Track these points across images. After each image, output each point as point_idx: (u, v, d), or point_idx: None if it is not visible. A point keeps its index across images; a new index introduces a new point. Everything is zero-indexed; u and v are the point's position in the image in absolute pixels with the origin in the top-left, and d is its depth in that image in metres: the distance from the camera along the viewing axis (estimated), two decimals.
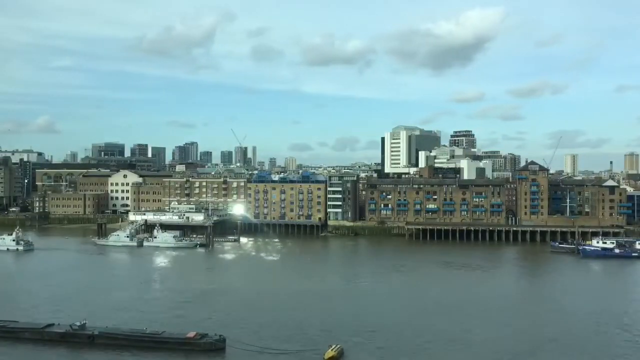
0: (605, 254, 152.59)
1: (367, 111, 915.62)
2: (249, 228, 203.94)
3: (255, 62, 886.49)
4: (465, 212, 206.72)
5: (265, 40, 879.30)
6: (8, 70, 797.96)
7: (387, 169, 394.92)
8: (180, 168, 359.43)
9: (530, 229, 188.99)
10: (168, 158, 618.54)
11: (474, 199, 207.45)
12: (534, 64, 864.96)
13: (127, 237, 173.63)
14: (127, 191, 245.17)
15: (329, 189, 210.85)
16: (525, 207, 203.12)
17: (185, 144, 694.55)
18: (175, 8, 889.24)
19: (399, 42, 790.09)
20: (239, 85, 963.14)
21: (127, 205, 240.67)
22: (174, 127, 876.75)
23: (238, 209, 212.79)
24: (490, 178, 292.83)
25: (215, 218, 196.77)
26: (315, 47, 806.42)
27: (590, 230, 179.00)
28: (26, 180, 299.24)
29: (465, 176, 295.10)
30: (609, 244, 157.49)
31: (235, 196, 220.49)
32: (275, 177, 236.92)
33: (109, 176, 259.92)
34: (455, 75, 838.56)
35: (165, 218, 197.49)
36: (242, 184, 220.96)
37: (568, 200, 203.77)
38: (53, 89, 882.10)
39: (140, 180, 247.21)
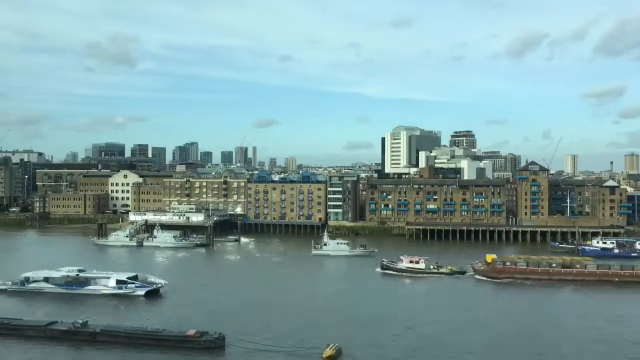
0: (604, 254, 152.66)
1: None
2: (249, 228, 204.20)
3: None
4: (465, 213, 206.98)
5: None
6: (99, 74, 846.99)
7: (388, 169, 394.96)
8: (180, 168, 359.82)
9: (531, 229, 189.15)
10: (168, 158, 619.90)
11: (475, 199, 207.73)
12: None
13: (127, 237, 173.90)
14: (128, 191, 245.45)
15: (329, 189, 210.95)
16: (526, 207, 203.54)
17: (186, 144, 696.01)
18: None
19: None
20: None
21: (127, 206, 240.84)
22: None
23: (238, 209, 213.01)
24: (491, 178, 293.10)
25: (215, 218, 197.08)
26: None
27: (591, 230, 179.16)
28: (26, 176, 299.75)
29: (466, 176, 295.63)
30: (609, 244, 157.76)
31: (235, 196, 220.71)
32: (276, 177, 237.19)
33: (110, 176, 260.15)
34: None
35: (166, 218, 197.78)
36: (243, 184, 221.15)
37: (568, 201, 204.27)
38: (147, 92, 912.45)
39: (140, 180, 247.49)
